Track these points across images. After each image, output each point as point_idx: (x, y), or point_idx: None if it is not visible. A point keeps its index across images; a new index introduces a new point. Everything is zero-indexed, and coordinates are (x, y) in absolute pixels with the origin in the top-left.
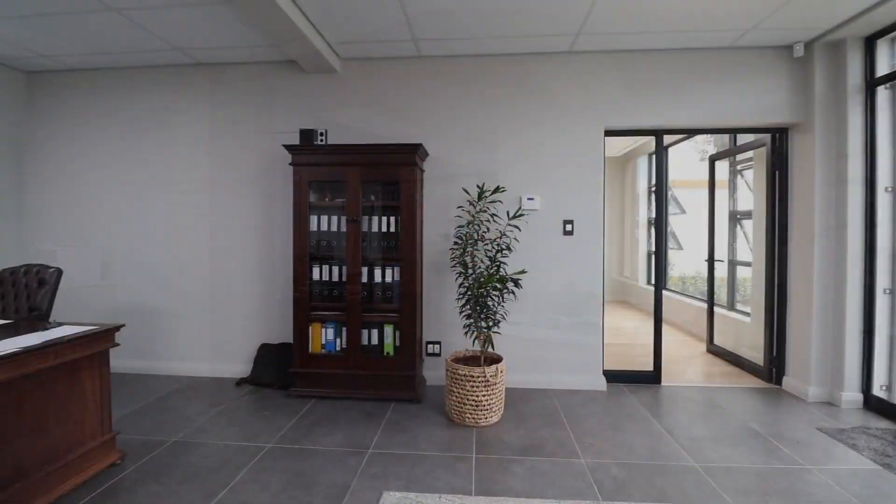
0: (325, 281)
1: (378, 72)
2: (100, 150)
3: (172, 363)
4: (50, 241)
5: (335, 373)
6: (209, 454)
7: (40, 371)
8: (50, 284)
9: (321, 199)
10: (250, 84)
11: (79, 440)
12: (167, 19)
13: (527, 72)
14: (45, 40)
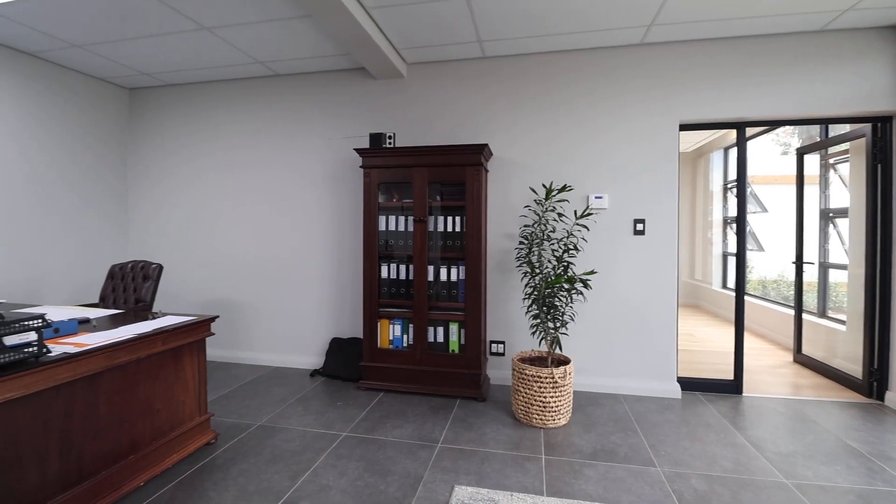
0: (393, 279)
1: (442, 74)
2: (191, 158)
3: (254, 353)
4: (149, 241)
5: (402, 368)
6: (291, 439)
7: (151, 356)
8: (152, 279)
9: (389, 199)
10: (323, 92)
11: (181, 420)
12: (251, 35)
13: (595, 67)
14: (146, 59)
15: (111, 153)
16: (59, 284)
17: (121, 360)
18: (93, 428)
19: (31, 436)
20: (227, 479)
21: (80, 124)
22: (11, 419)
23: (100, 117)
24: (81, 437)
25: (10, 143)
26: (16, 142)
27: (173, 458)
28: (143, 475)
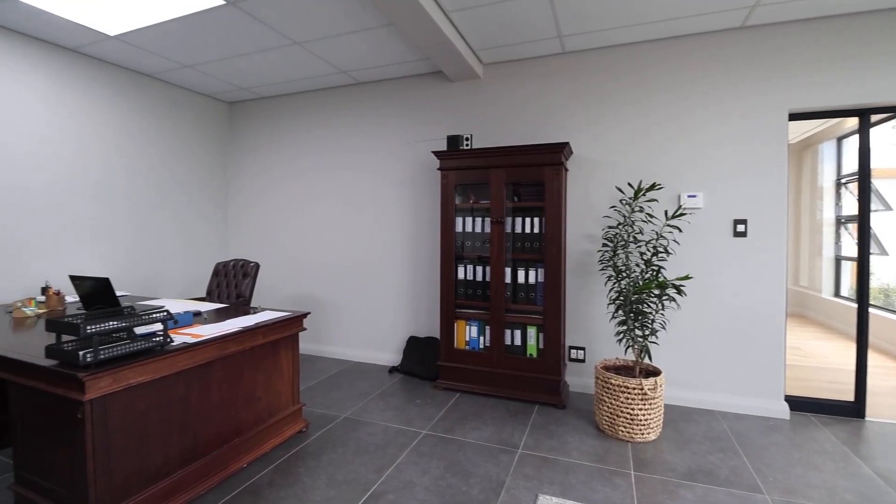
0: (469, 280)
1: (519, 73)
2: (280, 163)
3: (335, 347)
4: (243, 240)
5: (478, 369)
6: (374, 433)
7: (254, 348)
8: (251, 276)
9: (466, 201)
10: (401, 97)
11: (277, 408)
12: (336, 47)
13: (688, 55)
14: (244, 75)
15: (214, 161)
16: (171, 279)
17: (229, 350)
18: (206, 412)
19: (157, 416)
20: (319, 467)
21: (189, 136)
22: (141, 400)
23: (205, 129)
24: (196, 419)
25: (135, 154)
26: (139, 153)
27: (271, 443)
28: (246, 457)
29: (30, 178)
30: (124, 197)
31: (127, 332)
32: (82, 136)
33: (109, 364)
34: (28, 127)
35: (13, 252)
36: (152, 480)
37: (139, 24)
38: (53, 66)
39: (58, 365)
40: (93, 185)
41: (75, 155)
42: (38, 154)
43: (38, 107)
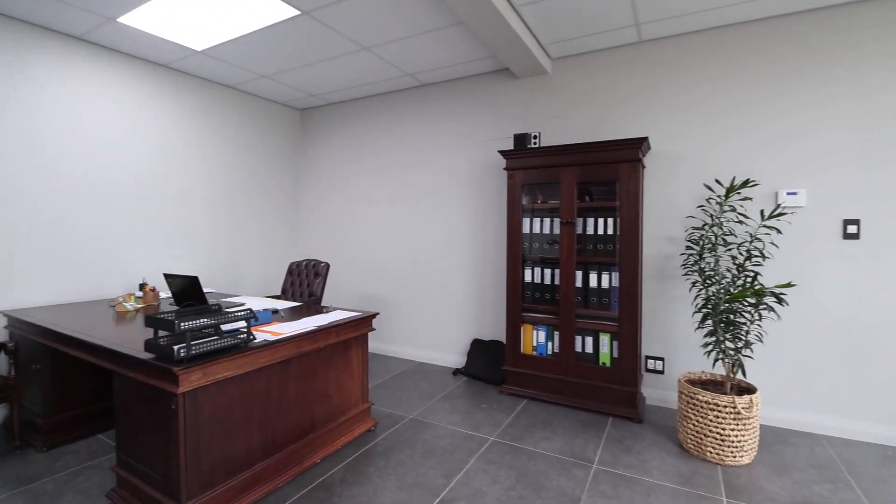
0: (537, 283)
1: (590, 66)
2: (347, 166)
3: (400, 347)
4: (313, 241)
5: (547, 376)
6: (441, 436)
7: (327, 346)
8: (322, 275)
9: (533, 201)
10: (466, 97)
11: (348, 406)
12: (403, 49)
13: (783, 34)
14: (315, 82)
15: (287, 166)
16: (250, 278)
17: (305, 348)
18: (284, 407)
19: (240, 410)
20: (388, 468)
21: (265, 142)
22: (227, 394)
23: (279, 136)
24: (275, 413)
25: (217, 160)
26: (220, 159)
27: (342, 440)
28: (320, 453)
29: (126, 183)
30: (208, 200)
31: (215, 328)
32: (169, 144)
33: (200, 359)
34: (125, 137)
35: (115, 252)
36: (235, 472)
37: (222, 39)
38: (147, 80)
39: (155, 359)
40: (178, 190)
41: (162, 162)
42: (132, 161)
43: (131, 116)
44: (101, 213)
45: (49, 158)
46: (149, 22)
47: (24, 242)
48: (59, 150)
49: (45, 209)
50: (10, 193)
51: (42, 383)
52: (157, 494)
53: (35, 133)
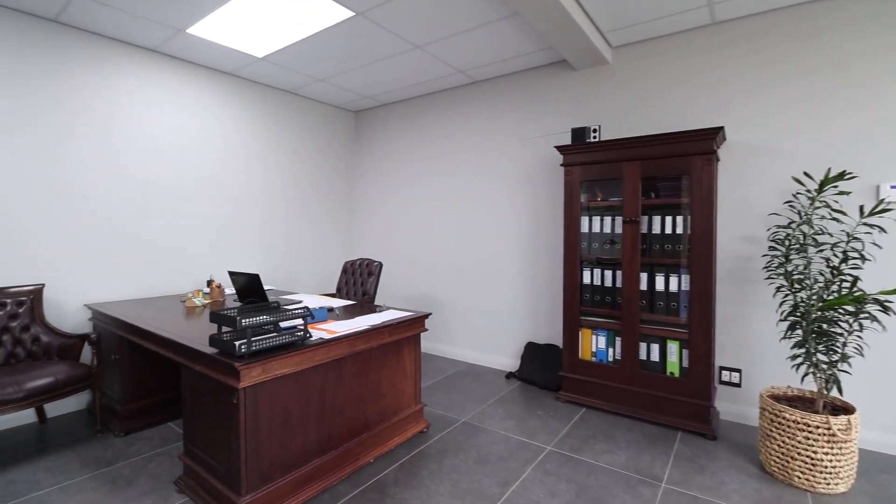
0: (597, 285)
1: (656, 53)
2: (400, 166)
3: (451, 348)
4: (366, 240)
5: (607, 385)
6: (495, 441)
7: (380, 345)
8: (375, 274)
9: (592, 198)
10: (519, 92)
11: (401, 406)
12: (455, 46)
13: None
14: (369, 83)
15: (342, 167)
16: (306, 276)
17: (359, 347)
18: (339, 404)
19: (297, 406)
20: (441, 472)
21: (321, 144)
22: (284, 390)
23: (334, 138)
24: (331, 411)
25: (275, 162)
26: (278, 161)
27: (395, 440)
28: (373, 452)
29: (193, 188)
30: (268, 202)
31: (274, 326)
32: (233, 149)
33: (260, 355)
34: (192, 144)
35: (185, 251)
36: (292, 467)
37: (281, 45)
38: (212, 88)
39: (218, 353)
40: (240, 193)
41: (226, 166)
42: (198, 166)
43: (198, 124)
44: (173, 216)
45: (126, 167)
46: (215, 31)
47: (106, 244)
48: (134, 159)
49: (123, 214)
50: (94, 201)
51: (120, 372)
52: (220, 485)
53: (114, 142)
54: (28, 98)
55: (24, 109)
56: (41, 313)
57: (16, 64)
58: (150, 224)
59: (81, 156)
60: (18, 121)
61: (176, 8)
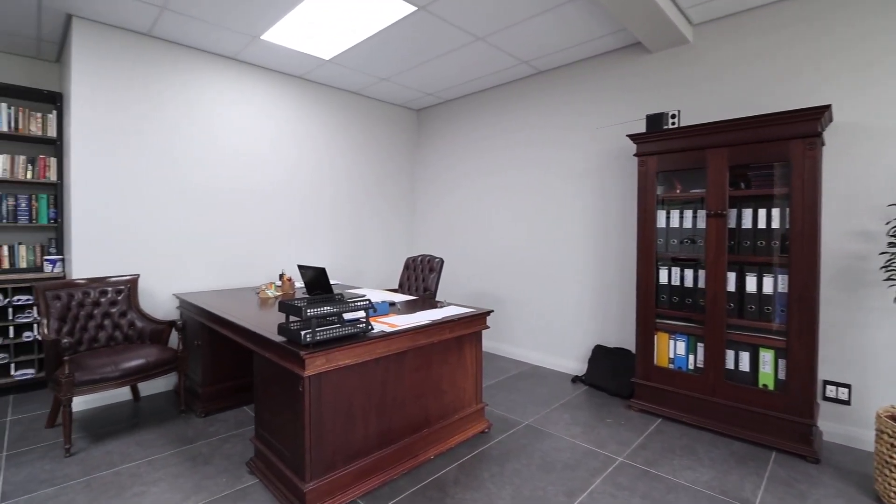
0: (675, 285)
1: (742, 28)
2: (461, 163)
3: (513, 347)
4: (427, 237)
5: (687, 394)
6: (560, 448)
7: (441, 341)
8: (436, 271)
9: (670, 190)
10: (586, 81)
11: (461, 404)
12: (518, 35)
13: None
14: (430, 80)
15: (405, 164)
16: (370, 271)
17: (420, 342)
18: (399, 398)
19: (359, 398)
20: (503, 475)
21: (385, 143)
22: (346, 381)
23: (397, 136)
24: (391, 405)
25: (341, 161)
26: (344, 160)
27: (455, 439)
28: (433, 449)
29: (266, 188)
30: (333, 199)
31: (337, 317)
32: (301, 150)
33: (324, 345)
34: (266, 146)
35: (260, 247)
36: (354, 457)
37: (346, 46)
38: (284, 92)
39: (286, 342)
40: (309, 191)
41: (296, 167)
42: (271, 168)
43: (271, 127)
44: (251, 216)
45: (210, 170)
46: (286, 36)
47: (191, 240)
48: (217, 162)
49: (208, 214)
50: (184, 201)
51: (202, 357)
52: (287, 470)
53: (200, 147)
54: (126, 106)
55: (123, 117)
56: (136, 301)
57: (115, 74)
58: (232, 223)
59: (174, 160)
60: (118, 127)
61: (252, 15)
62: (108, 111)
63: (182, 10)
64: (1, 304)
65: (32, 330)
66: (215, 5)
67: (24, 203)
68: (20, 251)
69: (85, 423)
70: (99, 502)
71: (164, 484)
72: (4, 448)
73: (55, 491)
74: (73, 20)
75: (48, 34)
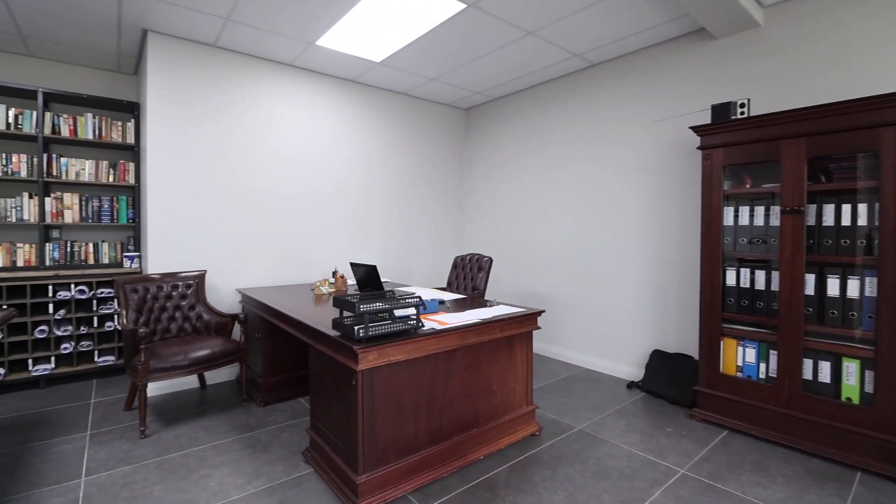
0: (744, 288)
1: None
2: (511, 162)
3: (564, 350)
4: (475, 236)
5: (757, 406)
6: (616, 455)
7: (491, 341)
8: (485, 270)
9: (738, 185)
10: (642, 73)
11: (511, 405)
12: (570, 27)
13: None
14: (479, 78)
15: (453, 164)
16: (419, 269)
17: (469, 340)
18: (449, 396)
19: (409, 394)
20: (555, 480)
21: (434, 143)
22: (397, 377)
23: (446, 136)
24: (441, 402)
25: (391, 161)
26: (394, 160)
27: (505, 440)
28: (483, 450)
29: (320, 189)
30: (384, 199)
31: (389, 313)
32: (354, 152)
33: (376, 340)
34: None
35: (314, 245)
36: (404, 453)
37: (397, 47)
38: (337, 96)
39: (339, 336)
40: (360, 191)
41: (348, 168)
42: (325, 170)
43: (325, 131)
44: (308, 217)
45: (270, 173)
46: (339, 41)
47: (252, 239)
48: (272, 165)
49: (265, 214)
50: (246, 202)
51: (262, 349)
52: (340, 462)
53: (261, 152)
54: (193, 114)
55: (191, 124)
56: (203, 295)
57: (184, 84)
58: (289, 223)
59: (235, 164)
60: (187, 134)
61: (308, 21)
62: (178, 119)
63: (244, 20)
64: (87, 295)
65: (113, 320)
66: (274, 13)
67: (106, 204)
68: (103, 248)
69: (157, 407)
70: (170, 482)
71: (227, 468)
72: (89, 428)
73: (132, 469)
74: (148, 35)
75: (127, 49)
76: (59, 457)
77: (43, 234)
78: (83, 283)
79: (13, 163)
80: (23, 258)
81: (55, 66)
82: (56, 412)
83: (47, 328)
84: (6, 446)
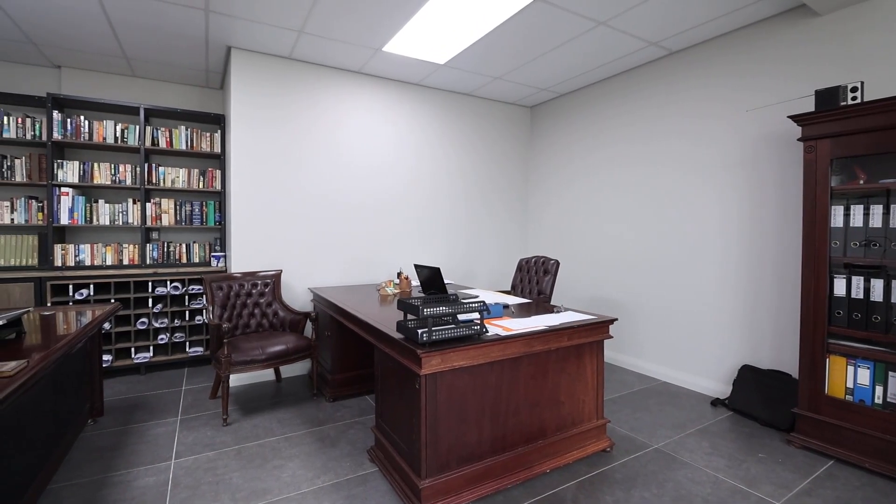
0: (857, 299)
1: None
2: (579, 161)
3: (638, 360)
4: (540, 238)
5: (871, 434)
6: (698, 481)
7: (559, 349)
8: (551, 273)
9: (848, 181)
10: (728, 58)
11: (580, 418)
12: (646, 14)
13: None
14: (546, 74)
15: (518, 163)
16: (482, 272)
17: (536, 348)
18: (514, 405)
19: (473, 400)
20: (629, 503)
21: (499, 143)
22: (461, 383)
23: (510, 135)
24: (505, 410)
25: (456, 163)
26: (459, 162)
27: (573, 454)
28: (549, 463)
29: (387, 192)
30: (449, 200)
31: (452, 317)
32: (419, 155)
33: (439, 345)
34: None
35: (380, 246)
36: (467, 460)
37: (461, 48)
38: (402, 99)
39: (403, 339)
40: (426, 193)
41: (414, 171)
42: (393, 172)
43: (392, 134)
44: (376, 220)
45: (337, 178)
46: (403, 46)
47: (322, 242)
48: (342, 171)
49: (335, 217)
50: (318, 206)
51: (331, 347)
52: (403, 464)
53: (332, 157)
54: (271, 124)
55: (269, 134)
56: (279, 293)
57: (263, 96)
58: (358, 227)
59: (308, 171)
60: (266, 143)
61: (374, 29)
62: (259, 129)
63: (315, 31)
64: (180, 291)
65: (202, 315)
66: (343, 21)
67: (196, 208)
68: (194, 248)
69: (238, 397)
70: (247, 470)
71: (298, 461)
72: (179, 413)
73: (215, 455)
74: (231, 51)
75: (214, 65)
76: (154, 439)
77: (144, 236)
78: (177, 280)
79: (120, 171)
80: (128, 257)
81: (153, 83)
82: (153, 397)
83: (147, 320)
84: (112, 426)
